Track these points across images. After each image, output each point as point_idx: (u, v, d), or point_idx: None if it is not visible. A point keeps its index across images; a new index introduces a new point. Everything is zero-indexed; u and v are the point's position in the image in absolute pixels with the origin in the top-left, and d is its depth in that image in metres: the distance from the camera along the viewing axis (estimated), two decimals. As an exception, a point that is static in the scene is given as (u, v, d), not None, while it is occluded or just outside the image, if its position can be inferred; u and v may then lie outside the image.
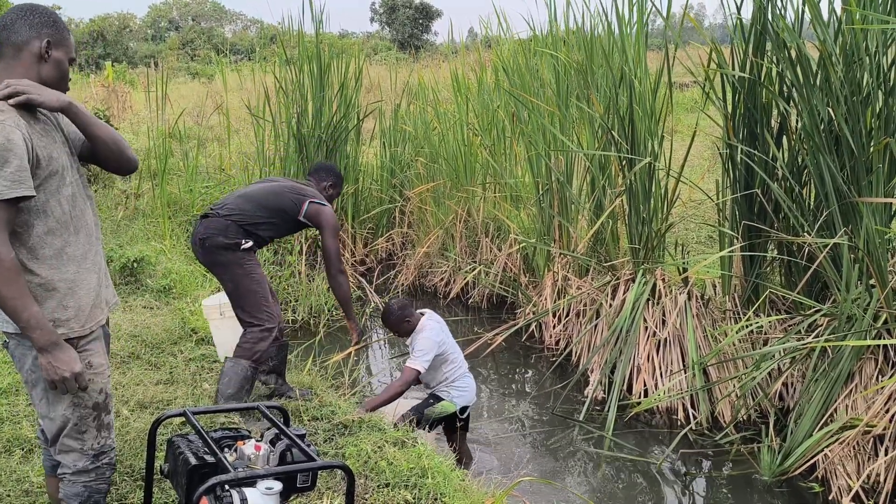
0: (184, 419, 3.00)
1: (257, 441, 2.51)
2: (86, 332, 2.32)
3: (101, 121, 2.40)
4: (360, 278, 7.83)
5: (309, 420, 3.92)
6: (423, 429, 4.37)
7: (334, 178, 4.43)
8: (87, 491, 2.41)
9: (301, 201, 4.06)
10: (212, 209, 4.06)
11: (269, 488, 2.26)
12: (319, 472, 2.83)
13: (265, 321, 3.90)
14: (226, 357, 3.98)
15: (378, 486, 3.28)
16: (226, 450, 2.49)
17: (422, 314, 4.55)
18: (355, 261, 8.32)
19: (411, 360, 4.32)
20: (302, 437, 2.50)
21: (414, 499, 3.19)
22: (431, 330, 4.39)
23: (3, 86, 2.18)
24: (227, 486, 2.21)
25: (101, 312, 2.41)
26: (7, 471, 3.22)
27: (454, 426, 4.50)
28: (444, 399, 4.40)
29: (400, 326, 4.48)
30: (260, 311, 3.90)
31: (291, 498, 2.45)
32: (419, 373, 4.28)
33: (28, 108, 2.23)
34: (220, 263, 3.94)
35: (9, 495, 3.07)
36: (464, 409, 4.47)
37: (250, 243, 3.96)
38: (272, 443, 2.52)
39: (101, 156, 2.42)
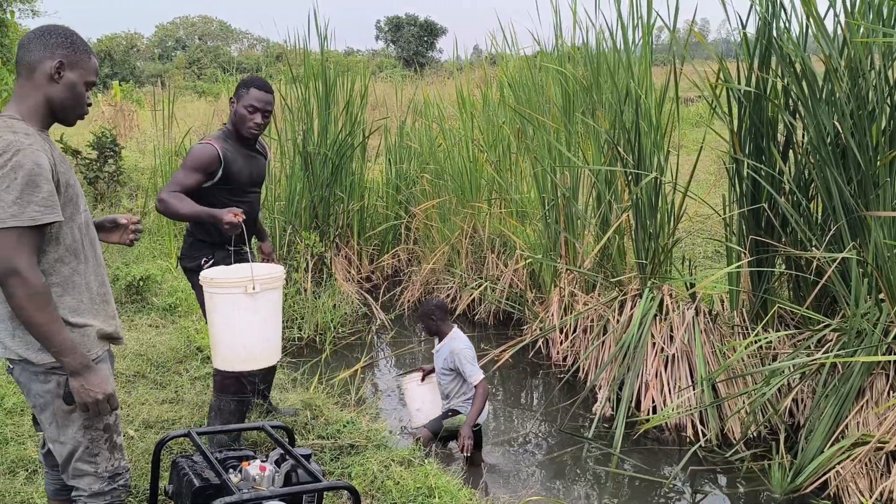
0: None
1: (262, 461, 2.49)
2: (93, 356, 2.31)
3: None
4: (366, 295, 7.81)
5: (314, 439, 3.89)
6: (435, 442, 4.53)
7: (235, 92, 3.81)
8: None
9: None
10: None
11: (274, 510, 2.24)
12: (325, 493, 2.80)
13: None
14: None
15: (384, 505, 3.25)
16: (230, 470, 2.47)
17: (454, 327, 4.79)
18: (361, 277, 8.31)
19: (473, 375, 4.52)
20: (307, 457, 2.48)
21: (421, 519, 3.16)
22: (461, 340, 4.65)
23: None
24: (231, 508, 2.19)
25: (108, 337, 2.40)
26: (11, 492, 3.20)
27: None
28: (461, 413, 4.54)
29: (427, 319, 4.74)
30: None
31: (297, 519, 2.43)
32: (484, 380, 4.52)
33: (45, 135, 2.25)
34: (194, 286, 3.77)
35: (13, 517, 3.05)
36: (476, 425, 4.54)
37: (210, 261, 3.69)
38: (277, 463, 2.50)
39: None
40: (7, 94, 4.86)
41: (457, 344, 4.58)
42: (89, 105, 2.35)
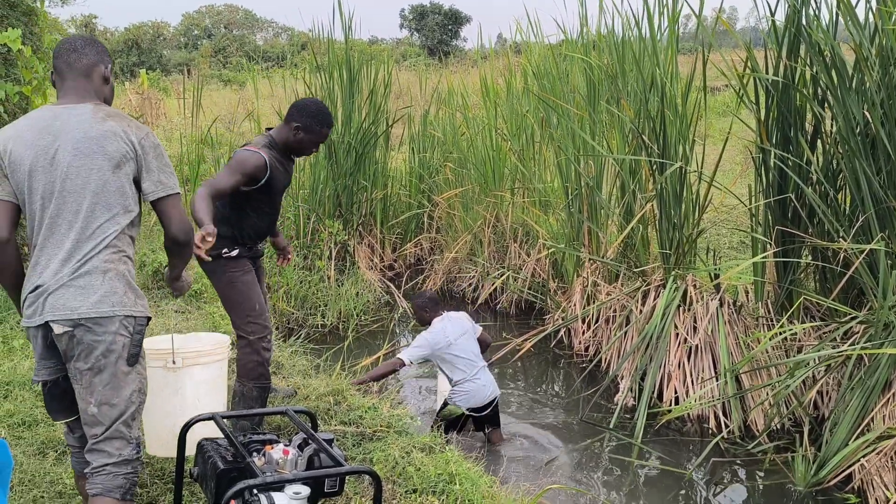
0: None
1: (285, 445, 2.52)
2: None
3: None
4: (389, 283, 7.85)
5: (337, 424, 3.93)
6: (439, 427, 4.63)
7: (303, 117, 3.78)
8: (127, 482, 2.45)
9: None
10: None
11: (297, 493, 2.27)
12: (347, 477, 2.83)
13: (249, 334, 3.76)
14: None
15: (406, 491, 3.28)
16: (254, 454, 2.51)
17: (442, 315, 4.78)
18: (384, 266, 8.34)
19: (403, 350, 4.67)
20: (330, 441, 2.51)
21: (441, 505, 3.18)
22: (432, 330, 4.68)
23: None
24: (255, 491, 2.22)
25: None
26: (41, 472, 3.27)
27: (479, 424, 4.71)
28: (450, 405, 4.63)
29: (417, 312, 4.92)
30: (245, 324, 3.77)
31: (319, 502, 2.46)
32: (403, 363, 4.57)
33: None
34: (208, 272, 3.81)
35: (42, 497, 3.11)
36: (481, 409, 4.61)
37: (235, 251, 3.76)
38: (300, 447, 2.53)
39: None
40: (37, 81, 4.89)
41: (423, 332, 4.72)
42: None
